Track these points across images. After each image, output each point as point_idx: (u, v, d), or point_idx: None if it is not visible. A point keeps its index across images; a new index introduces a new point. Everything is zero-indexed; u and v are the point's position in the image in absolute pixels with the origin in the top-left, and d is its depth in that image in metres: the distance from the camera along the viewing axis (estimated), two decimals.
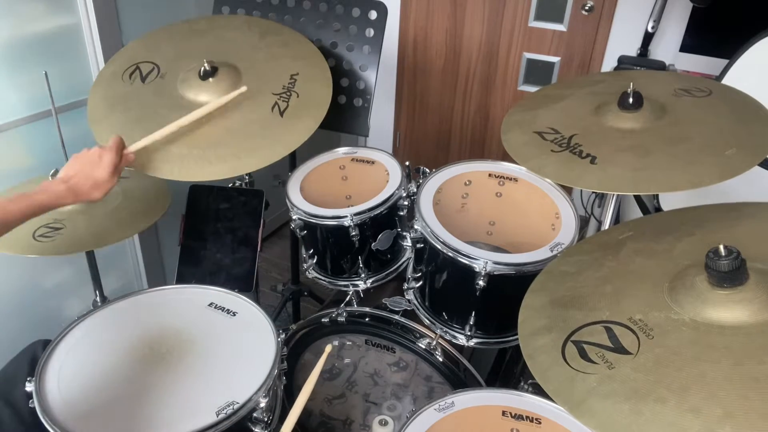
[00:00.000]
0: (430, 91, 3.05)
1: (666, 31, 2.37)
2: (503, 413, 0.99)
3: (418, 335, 1.32)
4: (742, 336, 0.72)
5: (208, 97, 1.31)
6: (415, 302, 1.34)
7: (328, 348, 0.99)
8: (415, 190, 1.35)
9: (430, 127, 3.14)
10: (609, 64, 2.59)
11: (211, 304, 1.19)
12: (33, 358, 1.09)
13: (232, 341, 1.10)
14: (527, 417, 0.98)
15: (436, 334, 1.31)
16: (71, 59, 1.77)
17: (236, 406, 0.95)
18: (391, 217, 1.36)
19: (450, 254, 1.15)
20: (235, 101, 1.31)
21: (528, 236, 1.36)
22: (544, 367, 0.81)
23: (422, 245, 1.24)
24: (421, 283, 1.31)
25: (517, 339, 0.99)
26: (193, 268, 1.55)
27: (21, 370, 1.06)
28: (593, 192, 2.47)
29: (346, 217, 1.29)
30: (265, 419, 0.99)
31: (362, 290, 1.45)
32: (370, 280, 1.43)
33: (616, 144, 1.07)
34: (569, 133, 1.13)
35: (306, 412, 1.60)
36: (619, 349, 0.77)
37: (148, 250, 2.17)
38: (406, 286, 1.36)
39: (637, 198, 2.00)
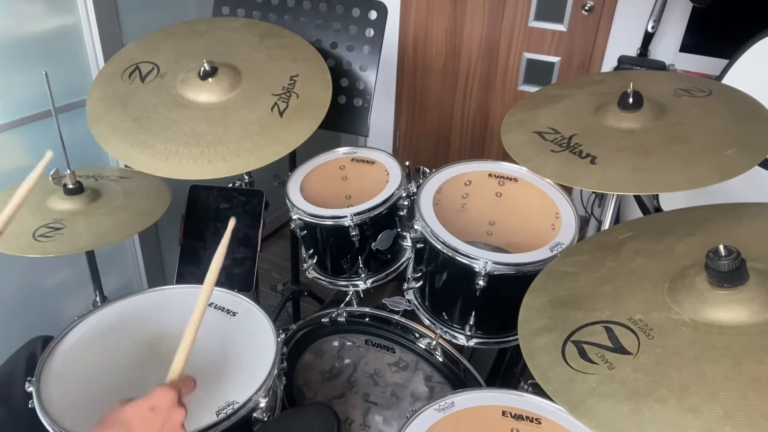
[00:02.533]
0: (430, 91, 3.05)
1: (666, 31, 2.37)
2: (503, 413, 0.99)
3: (418, 335, 1.32)
4: (742, 336, 0.72)
5: (207, 97, 1.31)
6: (415, 302, 1.34)
7: (232, 221, 0.90)
8: (415, 190, 1.35)
9: (430, 127, 3.14)
10: (609, 64, 2.59)
11: (211, 304, 1.19)
12: (31, 354, 1.08)
13: (232, 341, 1.10)
14: (527, 417, 0.98)
15: (436, 334, 1.31)
16: (71, 59, 1.77)
17: (236, 406, 0.95)
18: (391, 217, 1.36)
19: (450, 254, 1.15)
20: (235, 102, 1.31)
21: (528, 236, 1.36)
22: (544, 367, 0.81)
23: (422, 245, 1.24)
24: (421, 283, 1.31)
25: (517, 339, 0.99)
26: (193, 268, 1.55)
27: (19, 368, 1.06)
28: (593, 192, 2.47)
29: (346, 217, 1.29)
30: (265, 419, 0.99)
31: (362, 290, 1.45)
32: (370, 280, 1.43)
33: (616, 144, 1.07)
34: (569, 133, 1.13)
35: None
36: (619, 349, 0.77)
37: (148, 250, 2.17)
38: (406, 286, 1.36)
39: (637, 198, 2.00)
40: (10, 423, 1.00)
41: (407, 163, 1.41)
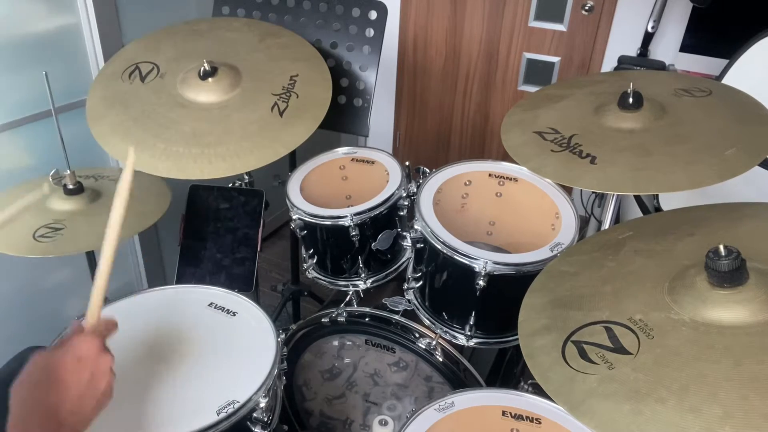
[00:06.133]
0: (430, 91, 3.05)
1: (666, 31, 2.37)
2: (503, 413, 0.99)
3: (418, 335, 1.32)
4: (742, 336, 0.71)
5: (207, 97, 1.31)
6: (415, 302, 1.34)
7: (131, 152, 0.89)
8: (415, 190, 1.35)
9: (430, 127, 3.14)
10: (609, 64, 2.59)
11: (211, 304, 1.19)
12: (22, 365, 1.08)
13: (232, 341, 1.10)
14: (527, 417, 0.98)
15: (436, 334, 1.31)
16: (71, 59, 1.77)
17: (237, 405, 0.95)
18: (391, 217, 1.36)
19: (450, 254, 1.15)
20: (235, 102, 1.31)
21: (528, 236, 1.36)
22: (544, 367, 0.81)
23: (422, 245, 1.24)
24: (421, 283, 1.31)
25: (517, 339, 0.99)
26: (193, 268, 1.55)
27: (11, 378, 1.05)
28: (593, 192, 2.47)
29: (346, 217, 1.29)
30: (265, 419, 0.99)
31: (362, 290, 1.45)
32: (370, 280, 1.43)
33: (616, 144, 1.07)
34: (569, 133, 1.13)
35: (306, 412, 1.60)
36: (619, 349, 0.77)
37: (148, 250, 2.17)
38: (406, 286, 1.36)
39: (637, 198, 2.00)
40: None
41: (407, 163, 1.41)
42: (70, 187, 1.30)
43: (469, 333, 1.25)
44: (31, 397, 0.71)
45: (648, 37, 2.32)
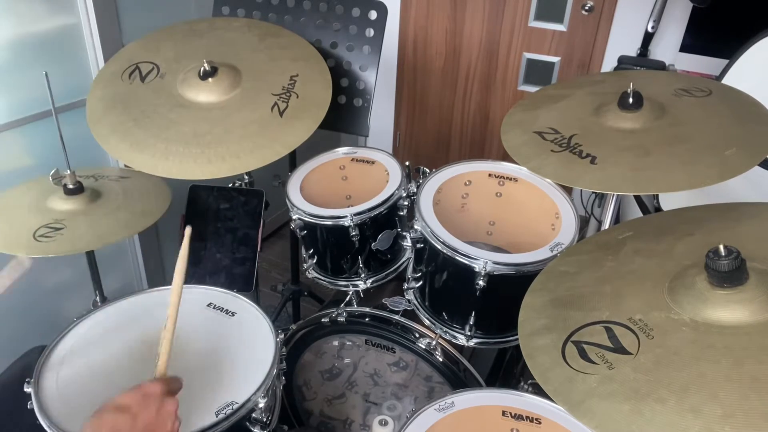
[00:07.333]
0: (430, 91, 3.05)
1: (666, 31, 2.37)
2: (503, 413, 0.99)
3: (418, 335, 1.32)
4: (742, 336, 0.71)
5: (207, 97, 1.31)
6: (415, 302, 1.34)
7: (188, 229, 0.91)
8: (415, 190, 1.35)
9: (430, 127, 3.14)
10: (609, 64, 2.59)
11: (210, 304, 1.19)
12: (28, 365, 1.08)
13: (232, 341, 1.10)
14: (527, 417, 0.98)
15: (436, 334, 1.31)
16: (71, 59, 1.77)
17: (236, 406, 0.95)
18: (391, 217, 1.36)
19: (450, 254, 1.15)
20: (235, 102, 1.31)
21: (528, 236, 1.36)
22: (544, 367, 0.81)
23: (422, 245, 1.24)
24: (421, 283, 1.31)
25: (517, 339, 0.99)
26: (193, 268, 1.55)
27: (16, 378, 1.05)
28: (593, 192, 2.47)
29: (346, 217, 1.29)
30: (264, 419, 0.99)
31: (362, 290, 1.45)
32: (370, 280, 1.43)
33: (616, 144, 1.07)
34: (569, 133, 1.13)
35: (306, 412, 1.60)
36: (619, 349, 0.77)
37: (148, 250, 2.17)
38: (406, 286, 1.36)
39: (637, 198, 2.00)
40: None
41: (407, 163, 1.41)
42: (71, 187, 1.30)
43: (469, 333, 1.25)
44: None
45: (648, 37, 2.32)
